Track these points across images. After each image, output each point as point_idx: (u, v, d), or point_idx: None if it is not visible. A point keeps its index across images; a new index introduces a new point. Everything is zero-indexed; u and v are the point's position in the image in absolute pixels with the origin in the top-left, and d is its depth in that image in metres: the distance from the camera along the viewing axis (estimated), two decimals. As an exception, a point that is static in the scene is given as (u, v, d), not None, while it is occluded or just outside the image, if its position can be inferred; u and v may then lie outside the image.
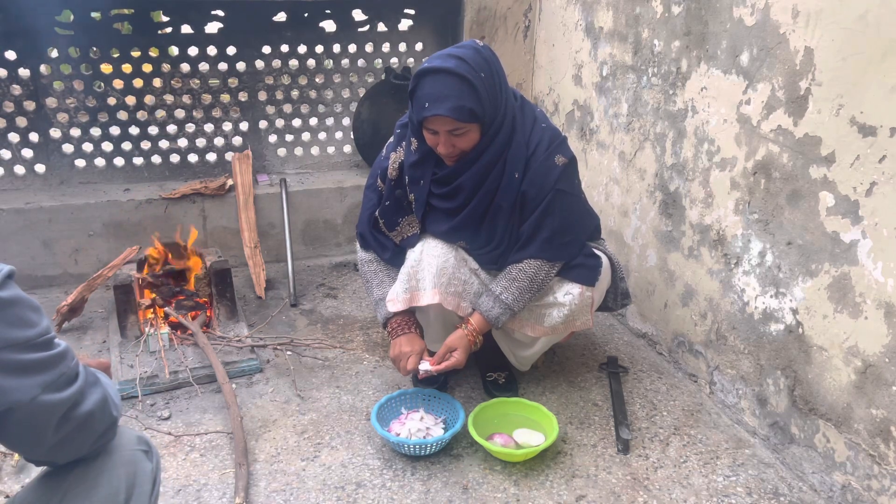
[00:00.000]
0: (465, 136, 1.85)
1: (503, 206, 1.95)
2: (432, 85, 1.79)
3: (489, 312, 1.98)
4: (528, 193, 1.94)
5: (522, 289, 1.97)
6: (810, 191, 1.78)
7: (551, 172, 1.93)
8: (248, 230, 3.00)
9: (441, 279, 1.97)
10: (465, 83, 1.77)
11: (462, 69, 1.77)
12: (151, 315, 2.45)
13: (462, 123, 1.80)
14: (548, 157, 1.93)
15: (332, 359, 2.41)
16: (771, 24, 1.85)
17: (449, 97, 1.77)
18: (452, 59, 1.79)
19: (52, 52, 2.84)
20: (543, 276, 1.99)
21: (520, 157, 1.93)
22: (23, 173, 2.94)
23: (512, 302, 1.96)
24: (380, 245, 2.12)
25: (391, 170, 2.04)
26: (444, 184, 1.98)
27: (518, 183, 1.93)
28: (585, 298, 2.03)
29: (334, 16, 3.13)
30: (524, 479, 1.87)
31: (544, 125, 1.99)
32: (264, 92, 3.16)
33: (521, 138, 1.94)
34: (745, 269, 2.03)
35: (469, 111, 1.78)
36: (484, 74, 1.80)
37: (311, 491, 1.81)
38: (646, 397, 2.25)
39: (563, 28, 2.95)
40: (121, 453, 1.16)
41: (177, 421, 2.07)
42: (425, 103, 1.79)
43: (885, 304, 1.60)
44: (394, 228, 2.08)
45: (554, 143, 1.96)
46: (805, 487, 1.87)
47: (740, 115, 1.99)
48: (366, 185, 2.17)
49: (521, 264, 1.98)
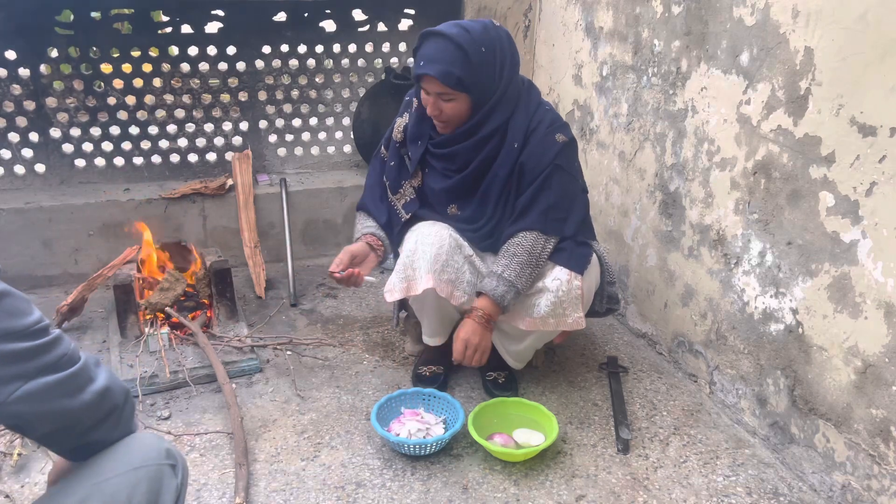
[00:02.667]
0: (452, 102, 1.92)
1: (499, 175, 2.00)
2: (430, 46, 1.89)
3: (494, 291, 1.95)
4: (527, 165, 1.98)
5: (522, 263, 1.96)
6: (810, 191, 1.78)
7: (551, 148, 1.97)
8: (248, 230, 3.00)
9: (436, 265, 1.98)
10: (460, 51, 1.85)
11: (461, 38, 1.85)
12: (151, 315, 2.45)
13: (449, 89, 1.88)
14: (548, 134, 1.99)
15: (332, 359, 2.41)
16: (771, 24, 1.85)
17: (441, 60, 1.85)
18: (457, 27, 1.88)
19: (52, 51, 2.84)
20: (540, 250, 1.98)
21: (520, 129, 1.98)
22: (23, 173, 2.94)
23: (514, 278, 1.95)
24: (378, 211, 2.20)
25: (396, 132, 2.14)
26: (440, 147, 2.05)
27: (517, 153, 1.98)
28: (574, 287, 1.99)
29: (334, 16, 3.13)
30: (524, 479, 1.87)
31: (548, 108, 2.05)
32: (264, 92, 3.16)
33: (524, 113, 2.00)
34: (745, 268, 2.03)
35: (457, 78, 1.86)
36: (484, 49, 1.87)
37: (311, 491, 1.81)
38: (646, 397, 2.25)
39: (563, 28, 2.95)
40: (147, 468, 1.14)
41: (177, 421, 2.07)
42: (420, 61, 1.89)
43: (885, 304, 1.60)
44: (397, 191, 2.15)
45: (556, 123, 2.02)
46: (805, 487, 1.87)
47: (740, 115, 1.99)
48: (372, 156, 2.27)
49: (517, 238, 1.99)
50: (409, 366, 2.38)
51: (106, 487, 1.10)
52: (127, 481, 1.11)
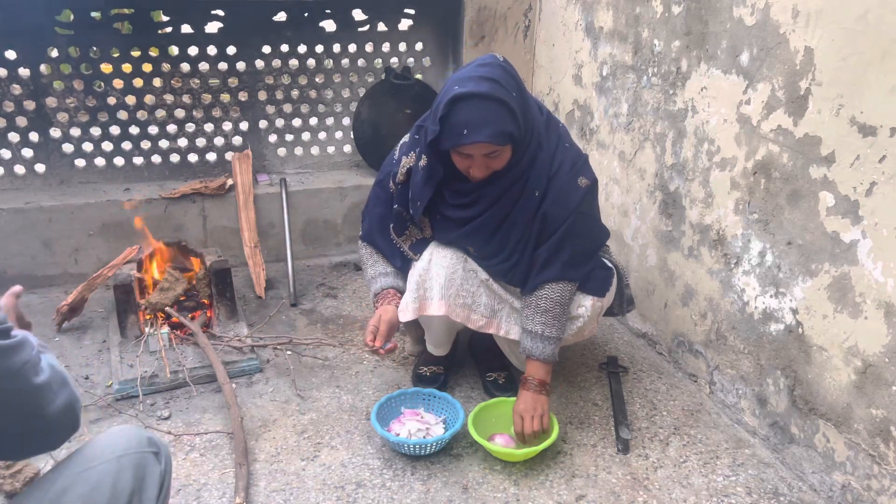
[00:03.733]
0: (500, 157, 1.80)
1: (518, 222, 1.92)
2: (470, 111, 1.71)
3: (542, 353, 1.94)
4: (550, 213, 1.91)
5: (557, 316, 1.95)
6: (810, 191, 1.78)
7: (574, 194, 1.91)
8: (248, 230, 3.00)
9: (449, 290, 1.95)
10: (504, 107, 1.72)
11: (498, 93, 1.71)
12: (151, 315, 2.45)
13: (500, 146, 1.76)
14: (571, 179, 1.91)
15: (332, 358, 2.41)
16: (771, 24, 1.85)
17: (489, 123, 1.71)
18: (485, 81, 1.72)
19: (52, 51, 2.84)
20: (569, 297, 1.98)
21: (542, 175, 1.89)
22: (23, 173, 2.94)
23: (557, 333, 1.95)
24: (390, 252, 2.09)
25: (400, 174, 2.01)
26: (463, 194, 1.93)
27: (538, 201, 1.90)
28: (596, 309, 2.04)
29: (334, 15, 3.13)
30: (524, 479, 1.87)
31: (568, 145, 1.95)
32: (264, 92, 3.16)
33: (546, 156, 1.90)
34: (745, 268, 2.03)
35: (509, 135, 1.74)
36: (515, 94, 1.76)
37: (311, 491, 1.81)
38: (646, 397, 2.25)
39: (563, 28, 2.95)
40: (130, 455, 1.16)
41: (177, 420, 2.07)
42: (463, 130, 1.71)
43: (885, 304, 1.60)
44: (402, 233, 2.07)
45: (577, 164, 1.93)
46: (805, 487, 1.87)
47: (740, 115, 1.99)
48: (375, 181, 2.12)
49: (545, 291, 1.94)
50: (409, 366, 2.38)
51: (90, 475, 1.11)
52: (111, 469, 1.13)
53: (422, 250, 2.02)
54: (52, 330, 2.52)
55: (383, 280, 2.08)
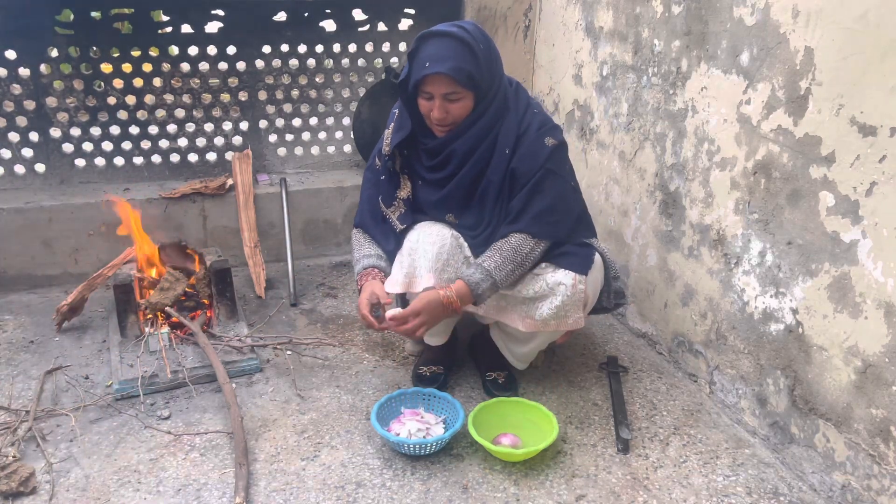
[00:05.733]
0: (459, 102, 1.92)
1: (493, 181, 2.00)
2: (435, 46, 1.87)
3: (470, 277, 1.95)
4: (518, 170, 1.98)
5: (505, 258, 1.96)
6: (810, 191, 1.78)
7: (541, 152, 1.98)
8: (248, 230, 3.00)
9: (437, 264, 1.98)
10: (467, 47, 1.86)
11: (464, 35, 1.87)
12: (151, 315, 2.45)
13: (459, 87, 1.88)
14: (538, 138, 1.99)
15: (332, 358, 2.41)
16: (771, 24, 1.85)
17: (450, 58, 1.85)
18: (454, 26, 1.89)
19: (52, 51, 2.84)
20: (527, 251, 1.98)
21: (511, 134, 1.98)
22: (23, 173, 2.94)
23: (493, 269, 1.95)
24: (382, 235, 2.15)
25: (385, 145, 2.12)
26: (434, 153, 2.04)
27: (508, 159, 1.98)
28: (578, 291, 1.99)
29: (334, 15, 3.13)
30: (524, 478, 1.87)
31: (536, 111, 2.04)
32: (264, 91, 3.16)
33: (514, 117, 2.00)
34: (745, 268, 2.03)
35: (468, 74, 1.86)
36: (483, 46, 1.90)
37: (311, 490, 1.81)
38: (646, 397, 2.25)
39: (563, 28, 2.95)
40: None
41: (177, 420, 2.07)
42: (426, 62, 1.86)
43: (885, 304, 1.60)
44: (391, 203, 2.14)
45: (545, 126, 2.01)
46: (805, 487, 1.87)
47: (740, 115, 1.99)
48: (366, 167, 2.26)
49: (508, 238, 1.99)
50: (409, 366, 2.38)
51: None
52: None
53: (409, 222, 2.09)
54: (52, 330, 2.52)
55: (366, 261, 2.12)
